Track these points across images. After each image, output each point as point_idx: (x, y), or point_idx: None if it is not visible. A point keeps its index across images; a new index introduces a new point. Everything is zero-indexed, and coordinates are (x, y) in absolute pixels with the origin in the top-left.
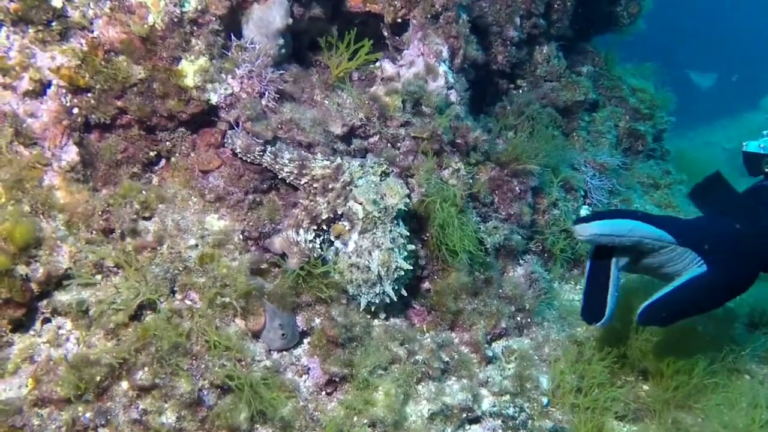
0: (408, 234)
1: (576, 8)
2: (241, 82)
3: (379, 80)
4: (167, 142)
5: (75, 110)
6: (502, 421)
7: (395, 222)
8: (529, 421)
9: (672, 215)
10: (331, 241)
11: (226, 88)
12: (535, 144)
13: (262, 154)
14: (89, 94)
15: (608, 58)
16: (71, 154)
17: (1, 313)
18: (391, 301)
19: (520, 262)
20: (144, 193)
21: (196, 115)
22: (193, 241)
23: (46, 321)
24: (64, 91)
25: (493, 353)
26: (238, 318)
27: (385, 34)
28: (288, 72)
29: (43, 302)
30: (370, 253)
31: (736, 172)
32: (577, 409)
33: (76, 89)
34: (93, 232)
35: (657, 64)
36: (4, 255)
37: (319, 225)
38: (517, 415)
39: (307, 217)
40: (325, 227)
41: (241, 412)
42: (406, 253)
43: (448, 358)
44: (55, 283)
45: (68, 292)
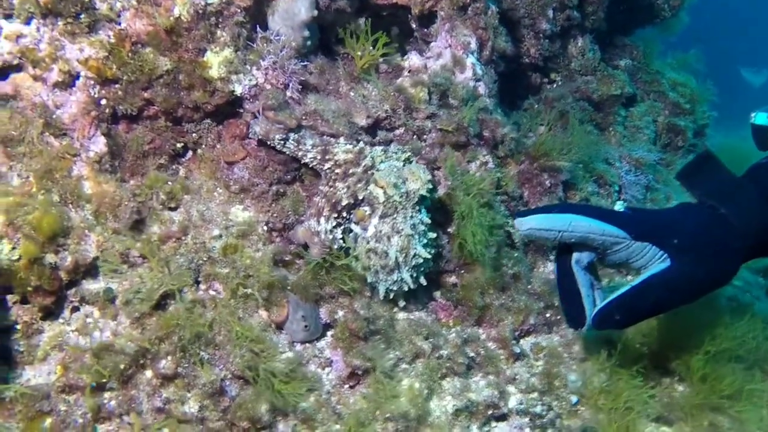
0: (429, 222)
1: (612, 0)
2: (266, 74)
3: (406, 72)
4: (194, 134)
5: (103, 101)
6: (529, 419)
7: (417, 208)
8: (558, 420)
9: (638, 207)
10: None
11: (251, 80)
12: (567, 139)
13: (284, 142)
14: (116, 86)
15: (647, 52)
16: (99, 144)
17: (32, 301)
18: (409, 288)
19: (550, 257)
20: (170, 184)
21: (221, 107)
22: (217, 232)
23: (75, 309)
24: (92, 82)
25: (521, 350)
26: (261, 309)
27: (413, 26)
28: (314, 64)
29: (72, 291)
30: (389, 239)
31: None
32: (607, 408)
33: (104, 81)
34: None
35: (701, 52)
36: (33, 243)
37: (340, 212)
38: (545, 413)
39: (327, 204)
40: (345, 214)
41: (262, 404)
42: (426, 241)
43: (474, 354)
44: (83, 272)
45: (96, 282)
